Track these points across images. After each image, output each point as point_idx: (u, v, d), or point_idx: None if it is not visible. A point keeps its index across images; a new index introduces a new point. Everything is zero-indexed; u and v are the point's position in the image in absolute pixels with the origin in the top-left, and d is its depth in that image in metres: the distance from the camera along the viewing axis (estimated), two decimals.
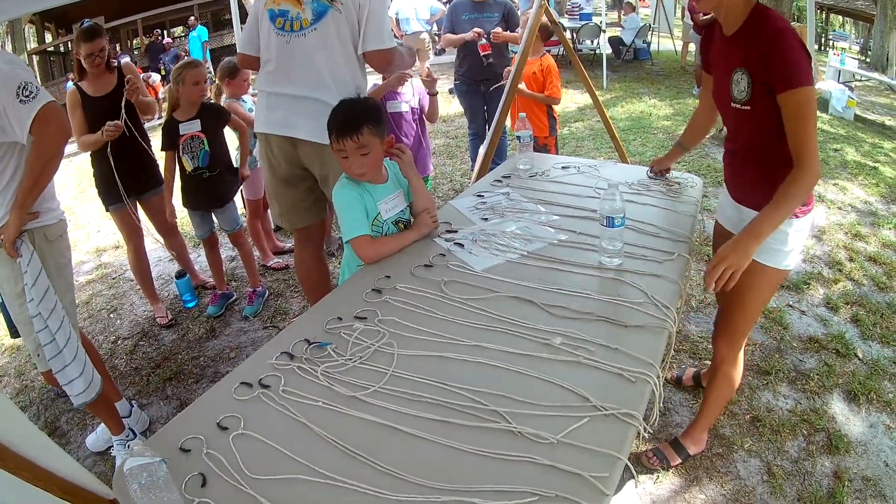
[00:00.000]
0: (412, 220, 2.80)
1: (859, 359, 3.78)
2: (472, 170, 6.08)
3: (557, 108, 5.42)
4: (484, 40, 5.55)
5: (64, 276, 3.04)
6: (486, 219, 2.89)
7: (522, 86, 4.98)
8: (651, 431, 1.69)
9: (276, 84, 3.25)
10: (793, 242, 2.44)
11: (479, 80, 5.87)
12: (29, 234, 2.83)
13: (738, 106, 2.34)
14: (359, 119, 2.49)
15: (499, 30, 5.58)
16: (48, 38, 23.84)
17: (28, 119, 2.58)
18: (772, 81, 2.17)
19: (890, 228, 5.67)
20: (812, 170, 2.16)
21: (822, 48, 25.51)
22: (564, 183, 3.34)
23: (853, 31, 34.33)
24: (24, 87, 2.59)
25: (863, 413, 3.34)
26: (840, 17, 32.55)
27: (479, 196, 3.20)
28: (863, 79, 13.80)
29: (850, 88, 11.56)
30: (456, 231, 2.76)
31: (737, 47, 2.30)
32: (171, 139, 4.23)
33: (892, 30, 19.76)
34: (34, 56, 21.82)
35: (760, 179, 2.43)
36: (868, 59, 21.05)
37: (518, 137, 3.55)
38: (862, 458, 3.07)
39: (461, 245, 2.59)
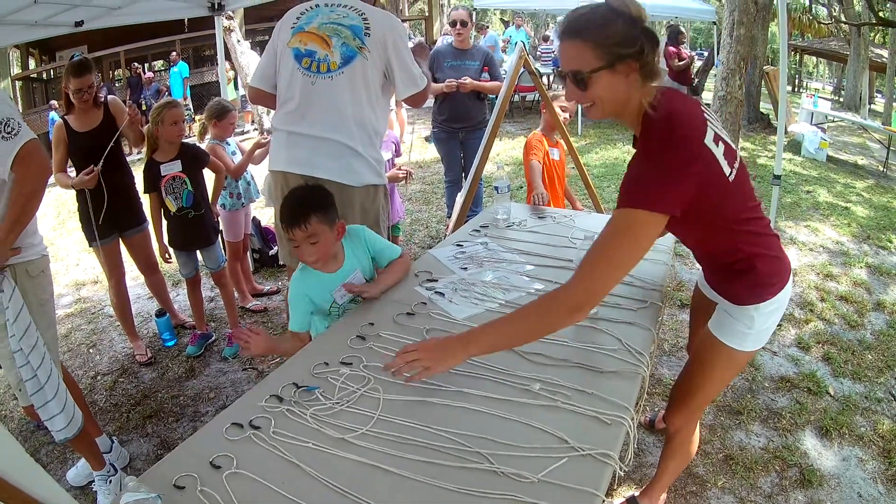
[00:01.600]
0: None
1: (831, 395, 3.87)
2: (448, 217, 6.16)
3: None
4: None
5: (46, 312, 3.04)
6: (466, 268, 2.96)
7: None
8: (626, 470, 1.76)
9: (297, 124, 3.24)
10: (759, 325, 2.22)
11: (458, 127, 5.96)
12: (10, 269, 2.83)
13: None
14: (306, 208, 2.48)
15: (467, 79, 5.68)
16: (32, 63, 23.78)
17: (9, 157, 2.57)
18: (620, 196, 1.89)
19: (861, 267, 5.82)
20: (574, 295, 1.84)
21: (796, 90, 25.96)
22: (541, 233, 3.43)
23: (827, 72, 34.98)
24: (5, 124, 2.58)
25: (835, 447, 3.43)
26: (814, 59, 33.14)
27: (458, 245, 3.27)
28: (836, 119, 14.08)
29: (823, 130, 11.80)
30: (436, 280, 2.82)
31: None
32: (153, 181, 4.27)
33: (864, 70, 20.19)
34: (17, 81, 21.70)
35: (711, 275, 2.39)
36: (841, 100, 21.49)
37: (496, 188, 3.62)
38: (835, 490, 3.15)
39: (442, 294, 2.66)
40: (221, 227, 4.99)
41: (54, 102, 16.98)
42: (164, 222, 4.46)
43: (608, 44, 1.82)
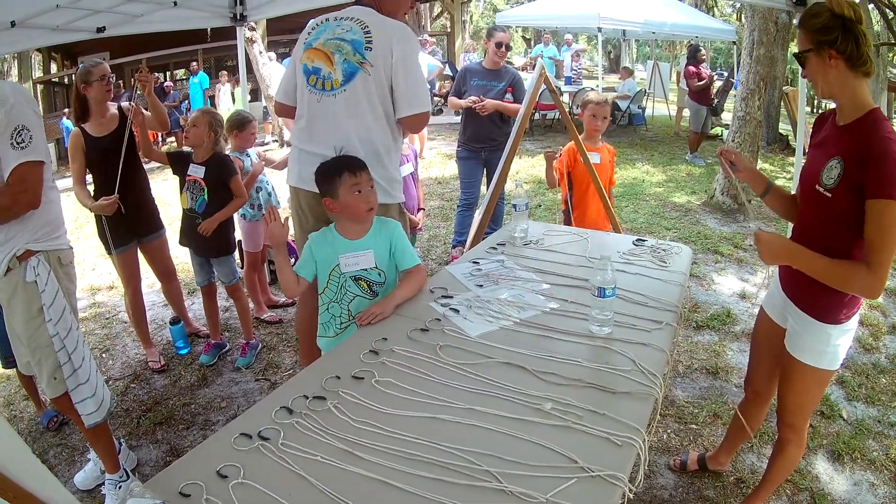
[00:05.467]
0: (383, 280, 2.89)
1: (844, 419, 3.84)
2: (453, 247, 6.28)
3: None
4: None
5: (72, 304, 3.07)
6: (481, 285, 2.95)
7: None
8: (636, 492, 1.75)
9: (306, 141, 3.26)
10: (835, 344, 2.49)
11: (479, 147, 5.97)
12: (45, 255, 2.88)
13: (821, 190, 2.36)
14: (362, 162, 2.77)
15: (477, 98, 5.73)
16: (53, 68, 23.99)
17: (9, 166, 2.64)
18: (865, 184, 2.18)
19: None
20: (877, 277, 2.18)
21: (815, 110, 25.79)
22: (557, 252, 3.43)
23: None
24: (19, 132, 2.63)
25: (847, 472, 3.40)
26: None
27: (474, 262, 3.27)
28: None
29: None
30: (451, 297, 2.82)
31: (843, 137, 2.34)
32: (181, 171, 4.38)
33: (883, 90, 19.96)
34: (38, 85, 21.88)
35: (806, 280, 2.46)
36: None
37: (514, 206, 3.61)
38: None
39: (457, 311, 2.65)
40: (240, 238, 5.00)
41: (67, 110, 17.07)
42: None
43: (812, 29, 2.28)
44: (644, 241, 3.53)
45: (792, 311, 2.59)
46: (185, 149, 4.58)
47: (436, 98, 17.04)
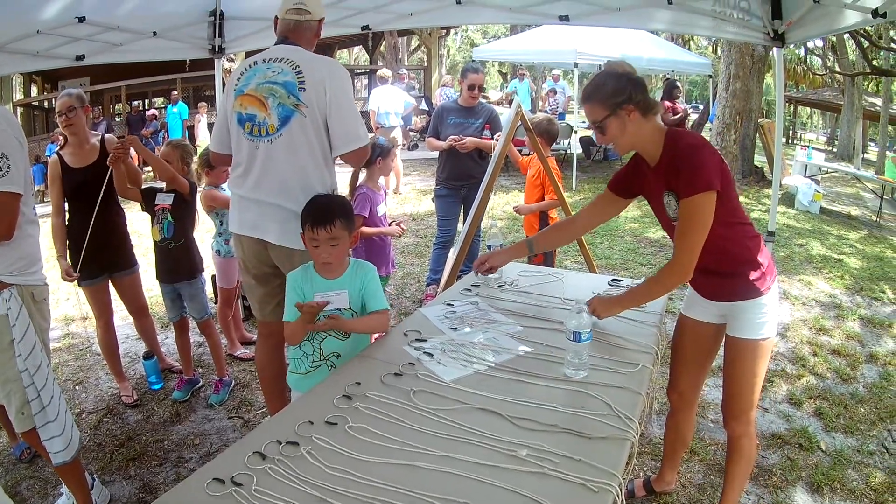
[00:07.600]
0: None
1: (822, 451, 3.85)
2: (427, 286, 6.27)
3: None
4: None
5: (44, 340, 3.05)
6: (455, 328, 2.95)
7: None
8: None
9: (246, 188, 3.27)
10: (769, 314, 2.72)
11: (459, 185, 5.99)
12: (18, 289, 2.85)
13: (675, 223, 2.60)
14: (333, 212, 2.72)
15: (456, 137, 5.78)
16: (34, 91, 23.93)
17: None
18: (679, 192, 2.49)
19: (854, 320, 5.84)
20: (680, 268, 2.53)
21: (790, 141, 26.10)
22: (532, 294, 3.43)
23: (820, 122, 35.32)
24: None
25: (827, 503, 3.40)
26: (808, 109, 33.36)
27: (448, 304, 3.27)
28: (829, 171, 14.19)
29: (817, 182, 11.89)
30: (425, 340, 2.81)
31: (661, 174, 2.61)
32: (148, 205, 4.35)
33: (858, 119, 20.36)
34: (19, 108, 21.84)
35: (721, 278, 2.75)
36: (835, 150, 21.67)
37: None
38: None
39: (430, 355, 2.64)
40: (214, 274, 4.97)
41: (56, 133, 17.12)
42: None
43: (606, 97, 2.51)
44: (620, 281, 3.56)
45: (724, 307, 2.82)
46: (158, 184, 4.54)
47: (412, 133, 17.14)
